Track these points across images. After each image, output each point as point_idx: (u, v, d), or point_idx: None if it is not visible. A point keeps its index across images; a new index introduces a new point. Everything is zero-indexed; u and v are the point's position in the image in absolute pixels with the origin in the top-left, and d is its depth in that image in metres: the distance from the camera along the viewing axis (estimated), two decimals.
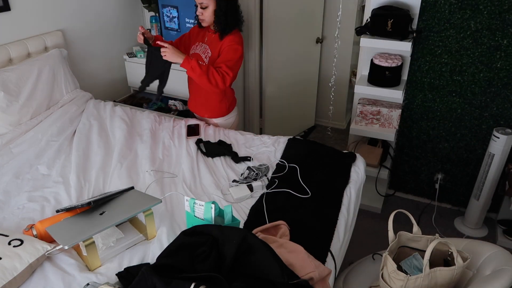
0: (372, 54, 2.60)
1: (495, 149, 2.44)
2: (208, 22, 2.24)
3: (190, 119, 2.44)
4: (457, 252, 1.50)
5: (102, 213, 1.49)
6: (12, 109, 2.17)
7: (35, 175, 1.92)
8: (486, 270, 1.55)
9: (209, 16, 2.20)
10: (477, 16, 2.32)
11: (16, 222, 1.61)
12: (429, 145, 2.81)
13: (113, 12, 3.09)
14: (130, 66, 3.16)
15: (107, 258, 1.45)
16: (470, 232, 2.73)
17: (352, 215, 1.86)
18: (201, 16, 2.22)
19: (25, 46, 2.41)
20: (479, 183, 2.60)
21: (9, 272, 1.31)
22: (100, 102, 2.58)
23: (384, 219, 2.85)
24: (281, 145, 2.19)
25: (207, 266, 1.24)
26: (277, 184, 1.87)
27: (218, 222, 1.46)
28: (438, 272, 1.47)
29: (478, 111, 2.57)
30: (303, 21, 3.46)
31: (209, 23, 2.25)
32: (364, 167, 2.09)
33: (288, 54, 3.45)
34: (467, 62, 2.46)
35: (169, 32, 3.15)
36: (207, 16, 2.20)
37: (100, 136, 2.22)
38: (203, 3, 2.17)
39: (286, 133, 3.43)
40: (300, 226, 1.61)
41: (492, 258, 1.58)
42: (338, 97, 3.93)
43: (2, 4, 2.30)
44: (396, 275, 1.49)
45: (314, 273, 1.31)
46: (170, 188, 1.87)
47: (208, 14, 2.19)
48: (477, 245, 1.69)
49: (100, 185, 1.89)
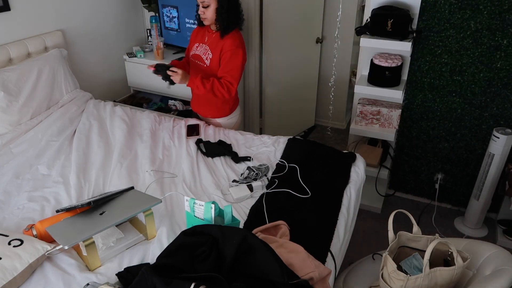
0: (372, 54, 2.60)
1: (495, 149, 2.44)
2: (210, 21, 2.24)
3: (190, 119, 2.44)
4: (457, 252, 1.50)
5: (102, 213, 1.49)
6: (12, 109, 2.17)
7: (35, 175, 1.91)
8: (486, 270, 1.55)
9: (211, 14, 2.20)
10: (477, 16, 2.32)
11: (16, 222, 1.61)
12: (429, 145, 2.81)
13: (113, 12, 3.09)
14: (130, 66, 3.15)
15: (107, 258, 1.44)
16: (470, 232, 2.72)
17: (352, 215, 1.86)
18: (203, 15, 2.22)
19: (25, 46, 2.41)
20: (479, 183, 2.60)
21: (9, 272, 1.31)
22: (100, 102, 2.57)
23: (384, 219, 2.85)
24: (281, 145, 2.19)
25: (207, 266, 1.24)
26: (277, 184, 1.87)
27: (218, 222, 1.46)
28: (438, 272, 1.47)
29: (478, 111, 2.57)
30: (303, 21, 3.46)
31: (211, 22, 2.25)
32: (364, 167, 2.09)
33: (288, 54, 3.45)
34: (467, 62, 2.46)
35: (169, 32, 3.15)
36: (209, 14, 2.20)
37: (100, 136, 2.22)
38: (205, 2, 2.17)
39: (286, 133, 3.43)
40: (300, 226, 1.61)
41: (492, 258, 1.58)
42: (338, 97, 3.93)
43: (2, 4, 2.30)
44: (396, 275, 1.49)
45: (314, 273, 1.31)
46: (170, 188, 1.87)
47: (210, 13, 2.19)
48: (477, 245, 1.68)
49: (100, 185, 1.89)
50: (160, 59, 3.03)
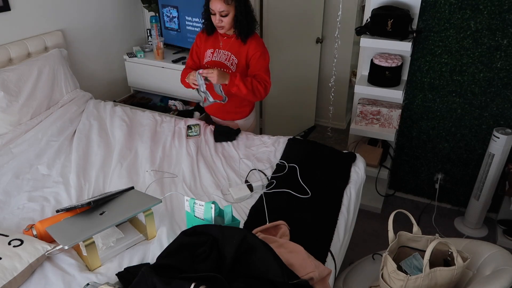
0: (372, 54, 2.60)
1: (495, 149, 2.44)
2: (227, 29, 2.18)
3: (190, 119, 2.44)
4: (457, 252, 1.50)
5: (102, 213, 1.49)
6: (12, 109, 2.17)
7: (35, 175, 1.91)
8: (486, 270, 1.55)
9: (229, 23, 2.14)
10: (477, 16, 2.32)
11: (16, 222, 1.61)
12: (429, 145, 2.81)
13: (113, 12, 3.09)
14: (130, 66, 3.15)
15: (107, 258, 1.44)
16: (470, 232, 2.72)
17: (352, 215, 1.86)
18: (220, 24, 2.14)
19: (25, 46, 2.41)
20: (479, 183, 2.60)
21: (9, 272, 1.31)
22: (100, 102, 2.58)
23: (384, 219, 2.85)
24: (281, 145, 2.19)
25: (207, 266, 1.24)
26: (277, 184, 1.87)
27: (218, 222, 1.46)
28: (438, 272, 1.47)
29: (478, 111, 2.57)
30: (303, 21, 3.46)
31: (228, 29, 2.19)
32: (364, 167, 2.09)
33: (288, 54, 3.45)
34: (467, 62, 2.46)
35: (169, 32, 3.15)
36: (227, 23, 2.14)
37: (100, 136, 2.22)
38: (224, 11, 2.09)
39: (286, 133, 3.43)
40: (300, 226, 1.61)
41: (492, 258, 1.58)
42: (338, 97, 3.93)
43: (2, 4, 2.30)
44: (396, 275, 1.49)
45: (314, 273, 1.31)
46: (170, 188, 1.87)
47: (228, 21, 2.13)
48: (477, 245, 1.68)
49: (100, 185, 1.89)
50: (160, 59, 3.03)
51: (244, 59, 2.24)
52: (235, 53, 2.24)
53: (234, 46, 2.24)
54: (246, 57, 2.23)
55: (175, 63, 2.98)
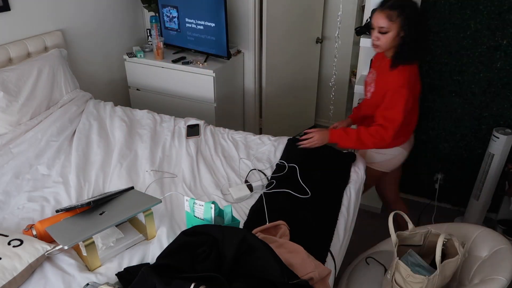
0: (372, 54, 2.60)
1: (495, 149, 2.44)
2: (384, 49, 1.87)
3: (190, 119, 2.44)
4: (458, 241, 1.51)
5: (102, 213, 1.49)
6: (12, 109, 2.17)
7: (35, 175, 1.91)
8: (482, 251, 1.58)
9: (387, 42, 1.82)
10: (477, 16, 2.32)
11: (16, 222, 1.61)
12: (429, 145, 2.81)
13: (113, 12, 3.09)
14: (130, 66, 3.15)
15: (107, 258, 1.44)
16: None
17: (352, 215, 1.86)
18: (376, 41, 1.84)
19: (25, 46, 2.41)
20: (479, 183, 2.60)
21: (9, 272, 1.31)
22: (100, 102, 2.57)
23: (384, 219, 2.84)
24: (281, 145, 2.19)
25: (207, 266, 1.24)
26: (277, 184, 1.87)
27: (218, 222, 1.46)
28: (447, 265, 1.48)
29: (478, 111, 2.57)
30: (303, 21, 3.46)
31: (384, 50, 1.88)
32: (364, 167, 2.09)
33: (288, 54, 3.45)
34: (467, 62, 2.46)
35: (169, 32, 3.15)
36: (384, 42, 1.82)
37: (100, 136, 2.22)
38: (384, 28, 1.78)
39: (286, 133, 3.43)
40: (300, 226, 1.61)
41: (481, 239, 1.61)
42: (338, 97, 3.92)
43: (2, 4, 2.30)
44: (413, 279, 1.49)
45: (314, 273, 1.31)
46: (170, 188, 1.87)
47: (387, 40, 1.81)
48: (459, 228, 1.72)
49: (100, 185, 1.89)
50: (160, 59, 3.03)
51: (381, 90, 1.91)
52: (378, 79, 1.96)
53: (383, 69, 1.93)
54: (383, 88, 1.90)
55: (175, 63, 2.98)
